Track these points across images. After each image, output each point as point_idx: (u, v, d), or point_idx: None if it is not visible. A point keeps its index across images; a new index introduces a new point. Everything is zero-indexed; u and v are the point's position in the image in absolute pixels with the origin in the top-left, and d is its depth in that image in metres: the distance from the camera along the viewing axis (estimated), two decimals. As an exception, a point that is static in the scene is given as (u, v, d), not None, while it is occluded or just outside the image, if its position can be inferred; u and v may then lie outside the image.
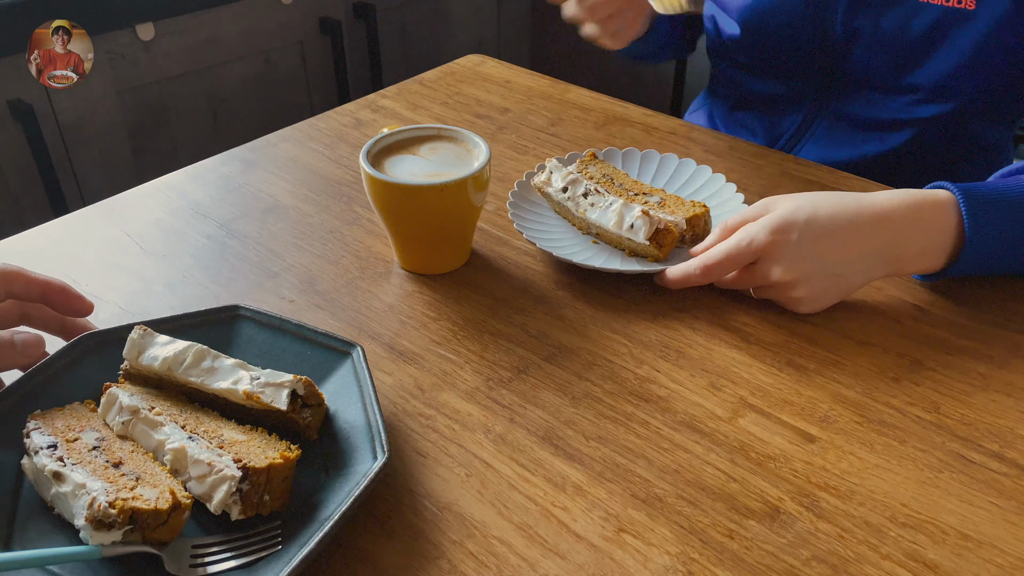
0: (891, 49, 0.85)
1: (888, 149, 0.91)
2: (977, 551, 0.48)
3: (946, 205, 0.63)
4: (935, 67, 0.84)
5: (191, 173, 0.87)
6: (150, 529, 0.44)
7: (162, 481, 0.47)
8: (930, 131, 0.88)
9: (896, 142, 0.90)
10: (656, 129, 0.95)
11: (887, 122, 0.90)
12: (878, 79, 0.88)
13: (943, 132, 0.88)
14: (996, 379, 0.60)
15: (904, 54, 0.85)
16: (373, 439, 0.51)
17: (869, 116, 0.91)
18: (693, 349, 0.63)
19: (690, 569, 0.47)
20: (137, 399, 0.52)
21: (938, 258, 0.64)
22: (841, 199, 0.64)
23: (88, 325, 0.61)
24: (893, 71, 0.87)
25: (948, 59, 0.83)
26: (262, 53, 1.78)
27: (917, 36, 0.83)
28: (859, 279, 0.64)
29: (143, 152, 1.65)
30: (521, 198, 0.77)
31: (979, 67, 0.82)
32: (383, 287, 0.70)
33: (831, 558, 0.47)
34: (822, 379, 0.60)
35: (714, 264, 0.64)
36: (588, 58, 2.44)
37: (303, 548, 0.44)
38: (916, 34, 0.83)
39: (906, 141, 0.89)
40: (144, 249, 0.74)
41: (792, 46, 0.91)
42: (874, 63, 0.87)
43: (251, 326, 0.60)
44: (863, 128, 0.92)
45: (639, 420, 0.57)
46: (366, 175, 0.67)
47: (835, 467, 0.53)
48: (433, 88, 1.05)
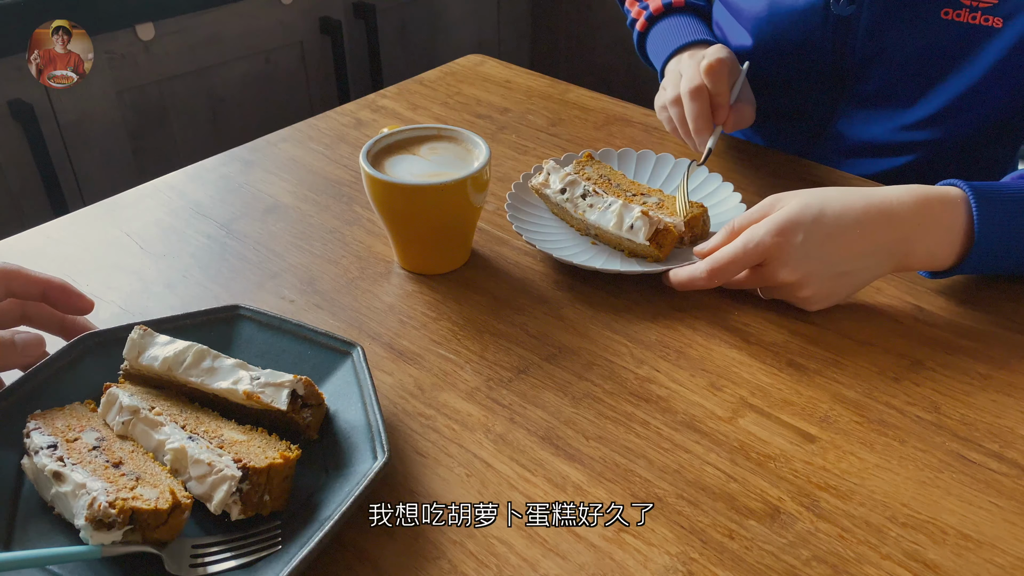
0: (911, 67, 0.83)
1: (888, 170, 0.89)
2: (977, 551, 0.48)
3: (956, 203, 0.62)
4: (954, 86, 0.81)
5: (191, 173, 0.87)
6: (150, 529, 0.44)
7: (162, 481, 0.47)
8: (935, 155, 0.86)
9: (896, 165, 0.88)
10: (656, 129, 0.95)
11: (892, 145, 0.88)
12: (893, 98, 0.86)
13: (948, 155, 0.86)
14: (996, 379, 0.60)
15: (925, 72, 0.82)
16: (373, 439, 0.51)
17: (873, 138, 0.89)
18: (693, 349, 0.63)
19: (690, 569, 0.47)
20: (137, 399, 0.52)
21: (947, 256, 0.64)
22: (848, 196, 0.63)
23: (88, 325, 0.61)
24: (911, 90, 0.84)
25: (968, 77, 0.80)
26: (262, 53, 1.78)
27: (940, 54, 0.80)
28: (867, 276, 0.64)
29: (143, 152, 1.65)
30: (519, 200, 0.77)
31: (997, 86, 0.80)
32: (383, 287, 0.70)
33: (831, 558, 0.47)
34: (822, 379, 0.60)
35: (720, 267, 0.64)
36: (588, 58, 2.44)
37: (303, 548, 0.44)
38: (939, 52, 0.80)
39: (908, 164, 0.88)
40: (144, 249, 0.74)
41: (806, 64, 0.88)
42: (892, 82, 0.85)
43: (251, 326, 0.60)
44: (867, 151, 0.90)
45: (639, 420, 0.57)
46: (366, 175, 0.67)
47: (835, 467, 0.53)
48: (433, 88, 1.05)
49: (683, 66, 0.82)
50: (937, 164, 0.87)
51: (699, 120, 0.78)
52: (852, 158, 0.92)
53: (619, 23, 2.31)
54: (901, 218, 0.62)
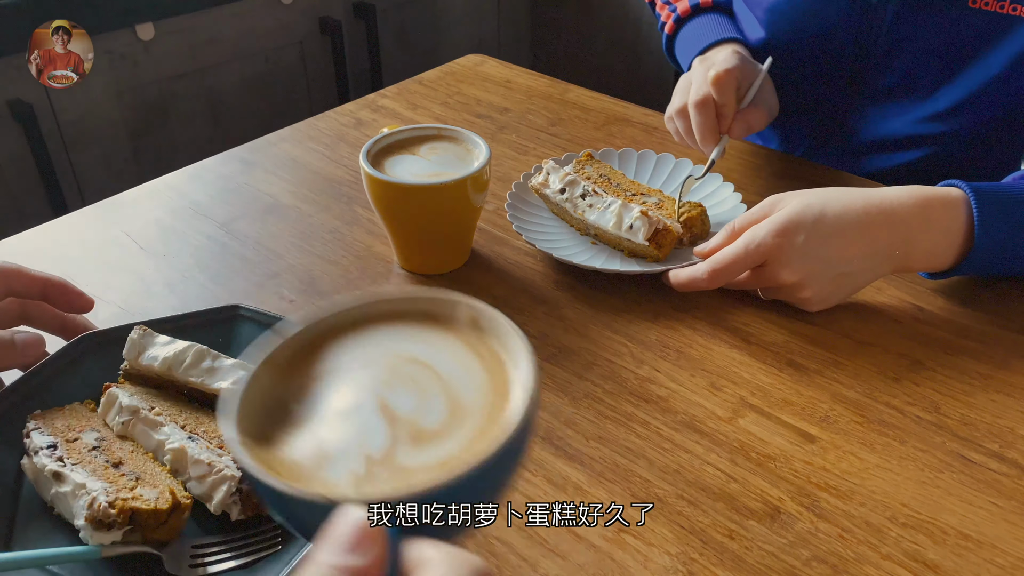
0: (934, 58, 0.81)
1: (898, 165, 0.88)
2: (977, 551, 0.48)
3: (956, 204, 0.62)
4: (975, 76, 0.80)
5: (191, 173, 0.87)
6: (150, 529, 0.44)
7: (162, 481, 0.47)
8: (946, 150, 0.85)
9: (907, 160, 0.87)
10: (656, 129, 0.95)
11: (906, 139, 0.86)
12: (912, 91, 0.85)
13: (959, 150, 0.85)
14: (996, 379, 0.60)
15: (947, 63, 0.81)
16: (373, 439, 0.51)
17: (888, 133, 0.88)
18: (693, 349, 0.63)
19: (690, 569, 0.47)
20: (137, 399, 0.52)
21: (946, 257, 0.64)
22: (849, 197, 0.63)
23: (88, 325, 0.61)
24: (930, 82, 0.83)
25: (990, 68, 0.79)
26: (262, 53, 1.78)
27: (964, 43, 0.79)
28: (867, 277, 0.64)
29: (143, 152, 1.65)
30: (519, 200, 0.77)
31: (1018, 76, 0.79)
32: (383, 287, 0.70)
33: (831, 558, 0.47)
34: (822, 379, 0.60)
35: (721, 268, 0.64)
36: (588, 58, 2.44)
37: (303, 548, 0.44)
38: (964, 42, 0.79)
39: (919, 159, 0.87)
40: (144, 249, 0.74)
41: (825, 57, 0.87)
42: (913, 74, 0.83)
43: (251, 326, 0.60)
44: (881, 147, 0.89)
45: (639, 420, 0.57)
46: (366, 175, 0.67)
47: (835, 467, 0.53)
48: (433, 88, 1.05)
49: (694, 75, 0.82)
50: (948, 160, 0.86)
51: (704, 132, 0.77)
52: (865, 155, 0.91)
53: (619, 23, 2.31)
54: (902, 219, 0.62)
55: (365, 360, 0.36)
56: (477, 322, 0.37)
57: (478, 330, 0.37)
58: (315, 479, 0.31)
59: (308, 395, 0.35)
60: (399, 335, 0.37)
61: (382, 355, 0.36)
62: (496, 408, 0.34)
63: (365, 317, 0.38)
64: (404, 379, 0.35)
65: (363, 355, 0.36)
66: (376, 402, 0.34)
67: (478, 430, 0.33)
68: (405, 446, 0.32)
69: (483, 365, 0.36)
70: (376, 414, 0.34)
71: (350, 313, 0.38)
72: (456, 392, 0.34)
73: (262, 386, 0.35)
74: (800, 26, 0.86)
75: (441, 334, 0.37)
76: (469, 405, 0.34)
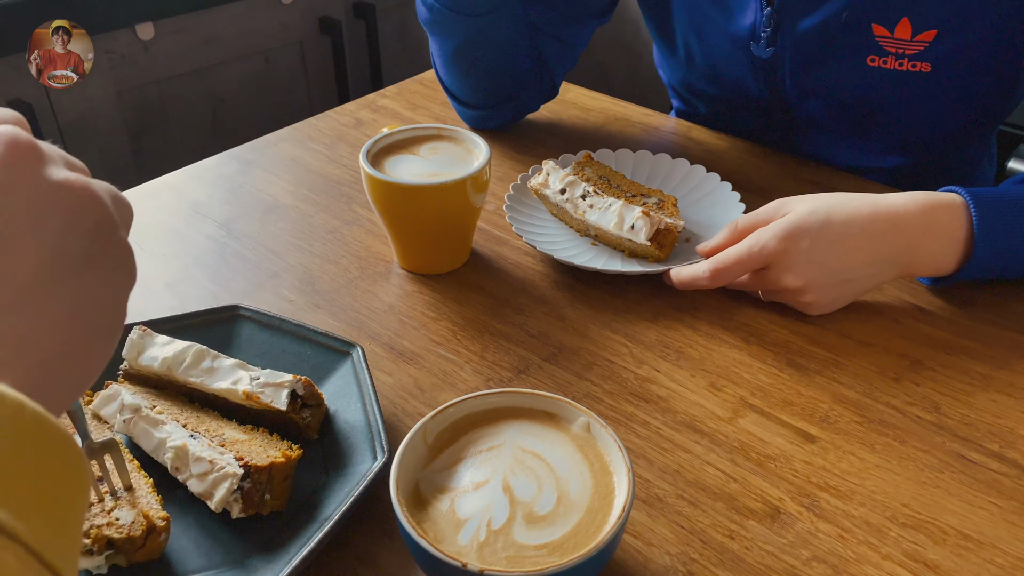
0: (846, 108, 0.82)
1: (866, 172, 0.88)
2: (977, 551, 0.48)
3: (958, 209, 0.62)
4: (894, 124, 0.81)
5: (191, 173, 0.87)
6: (129, 553, 0.44)
7: (143, 496, 0.46)
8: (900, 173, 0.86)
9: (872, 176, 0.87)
10: (656, 129, 0.95)
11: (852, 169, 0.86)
12: (836, 133, 0.86)
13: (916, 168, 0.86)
14: (996, 379, 0.60)
15: (860, 113, 0.82)
16: (373, 439, 0.51)
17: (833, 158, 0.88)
18: (693, 349, 0.63)
19: (690, 569, 0.47)
20: (139, 398, 0.52)
21: (949, 262, 0.64)
22: (855, 202, 0.63)
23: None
24: (851, 127, 0.84)
25: (909, 116, 0.80)
26: (262, 53, 1.77)
27: (873, 97, 0.79)
28: (870, 283, 0.64)
29: (143, 152, 1.65)
30: (517, 201, 0.77)
31: (940, 122, 0.80)
32: (383, 287, 0.70)
33: (831, 558, 0.47)
34: (822, 379, 0.60)
35: (724, 269, 0.64)
36: (588, 58, 2.43)
37: (303, 548, 0.44)
38: (871, 95, 0.79)
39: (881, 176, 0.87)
40: (144, 249, 0.74)
41: (747, 101, 0.88)
42: (830, 119, 0.84)
43: (251, 326, 0.60)
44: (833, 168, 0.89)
45: (639, 420, 0.57)
46: (366, 175, 0.67)
47: (835, 467, 0.53)
48: (433, 88, 1.05)
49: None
50: (911, 174, 0.87)
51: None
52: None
53: (619, 23, 2.31)
54: (907, 225, 0.62)
55: (495, 447, 0.46)
56: (589, 429, 0.46)
57: (589, 436, 0.46)
58: (449, 540, 0.41)
59: (449, 468, 0.45)
60: (523, 430, 0.47)
61: (509, 445, 0.46)
62: (598, 511, 0.42)
63: (497, 409, 0.48)
64: (525, 468, 0.44)
65: (493, 442, 0.46)
66: (502, 483, 0.43)
67: (581, 524, 0.42)
68: (520, 524, 0.41)
69: (591, 469, 0.44)
70: (501, 493, 0.43)
71: (488, 400, 0.48)
72: (565, 487, 0.43)
73: (417, 454, 0.45)
74: (716, 73, 0.89)
75: (557, 433, 0.47)
76: (576, 501, 0.43)
